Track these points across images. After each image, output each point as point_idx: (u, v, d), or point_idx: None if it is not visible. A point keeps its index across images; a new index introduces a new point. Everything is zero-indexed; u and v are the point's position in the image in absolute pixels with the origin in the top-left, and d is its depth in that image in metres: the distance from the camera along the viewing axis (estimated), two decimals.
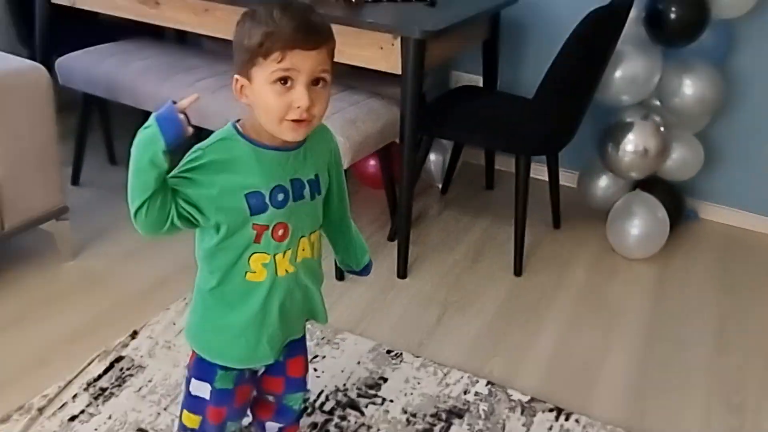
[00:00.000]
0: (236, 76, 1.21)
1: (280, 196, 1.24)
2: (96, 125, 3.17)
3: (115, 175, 3.01)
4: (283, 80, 1.15)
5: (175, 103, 1.17)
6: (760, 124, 2.95)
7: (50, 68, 2.72)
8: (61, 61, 2.76)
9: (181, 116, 1.16)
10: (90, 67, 2.71)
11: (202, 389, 1.39)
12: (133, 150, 1.16)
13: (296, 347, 1.48)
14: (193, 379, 1.41)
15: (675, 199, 2.86)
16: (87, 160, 3.06)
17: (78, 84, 2.75)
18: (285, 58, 1.14)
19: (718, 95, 2.70)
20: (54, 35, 2.90)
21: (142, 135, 1.15)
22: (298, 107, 1.15)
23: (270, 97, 1.16)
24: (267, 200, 1.22)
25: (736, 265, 2.79)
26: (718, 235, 3.01)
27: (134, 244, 2.54)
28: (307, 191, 1.29)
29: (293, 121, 1.17)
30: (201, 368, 1.39)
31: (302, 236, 1.31)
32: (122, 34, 3.10)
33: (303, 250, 1.33)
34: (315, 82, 1.18)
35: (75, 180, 2.95)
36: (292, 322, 1.41)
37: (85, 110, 2.88)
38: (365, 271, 1.62)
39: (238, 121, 1.27)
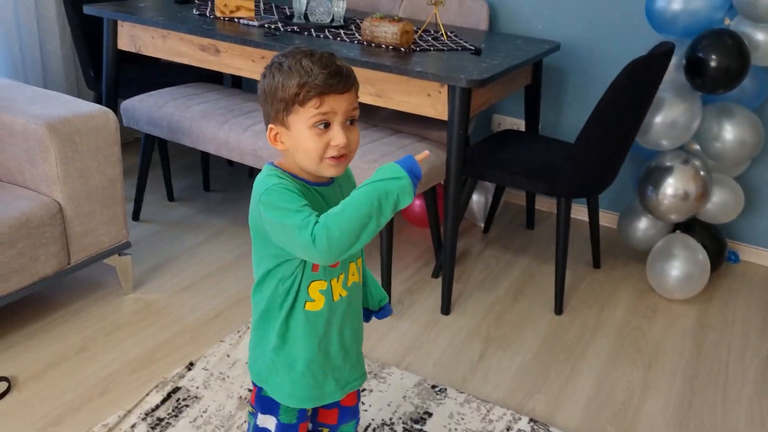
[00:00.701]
0: (270, 126, 1.24)
1: None
2: (155, 164, 3.21)
3: (173, 211, 3.13)
4: (322, 123, 1.19)
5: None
6: None
7: (115, 110, 2.82)
8: (126, 104, 2.82)
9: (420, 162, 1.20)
10: (153, 109, 2.76)
11: (267, 422, 1.40)
12: (377, 198, 1.14)
13: None
14: (260, 413, 1.41)
15: (715, 241, 2.82)
16: (147, 196, 3.12)
17: (141, 125, 2.81)
18: (323, 103, 1.17)
19: (758, 139, 2.68)
20: (120, 76, 2.97)
21: (397, 186, 1.15)
22: (336, 145, 1.19)
23: (310, 140, 1.19)
24: None
25: None
26: (760, 278, 2.96)
27: (190, 278, 2.61)
28: None
29: (332, 158, 1.21)
30: (265, 402, 1.40)
31: (351, 260, 1.33)
32: (182, 77, 3.16)
33: (353, 274, 1.35)
34: (349, 121, 1.23)
35: (136, 216, 2.99)
36: (351, 356, 1.40)
37: (147, 150, 2.94)
38: (382, 313, 1.58)
39: (272, 163, 1.29)
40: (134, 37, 2.82)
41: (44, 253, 2.13)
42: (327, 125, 1.20)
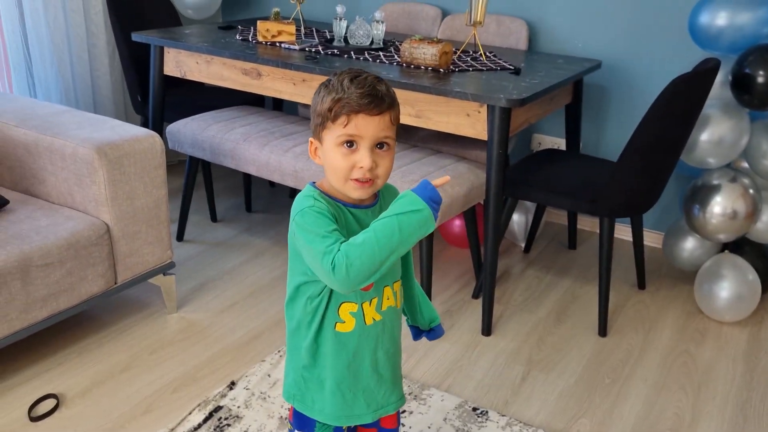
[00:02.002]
0: (311, 139, 1.26)
1: None
2: (199, 185, 3.25)
3: (216, 232, 3.17)
4: (349, 143, 1.19)
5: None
6: None
7: (160, 133, 2.87)
8: (171, 128, 2.87)
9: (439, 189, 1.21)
10: (197, 132, 2.80)
11: None
12: (396, 231, 1.15)
13: None
14: (296, 430, 1.42)
15: (766, 261, 2.78)
16: (191, 217, 3.16)
17: (185, 148, 2.85)
18: (350, 122, 1.18)
19: None
20: (166, 100, 3.02)
21: (417, 220, 1.15)
22: (361, 167, 1.19)
23: (337, 158, 1.20)
24: None
25: None
26: None
27: (232, 297, 2.63)
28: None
29: (357, 180, 1.21)
30: (301, 420, 1.41)
31: (386, 285, 1.33)
32: (225, 100, 3.20)
33: (387, 298, 1.34)
34: (379, 145, 1.22)
35: (180, 236, 3.03)
36: (386, 379, 1.40)
37: (191, 172, 2.97)
38: (433, 334, 1.58)
39: (313, 183, 1.29)
40: (180, 63, 2.88)
41: (92, 272, 2.16)
42: (354, 145, 1.21)
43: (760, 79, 2.47)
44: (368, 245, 1.13)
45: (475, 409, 2.07)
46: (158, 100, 2.96)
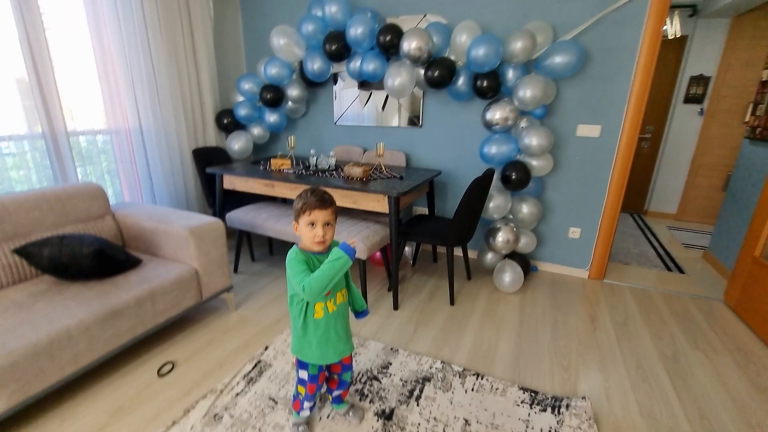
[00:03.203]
0: (293, 222, 1.26)
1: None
2: (244, 242, 3.26)
3: (255, 266, 3.06)
4: (311, 224, 1.21)
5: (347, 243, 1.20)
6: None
7: (223, 218, 2.88)
8: (228, 215, 2.83)
9: (353, 246, 1.20)
10: (242, 216, 2.76)
11: (303, 374, 1.39)
12: (334, 268, 1.14)
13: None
14: (299, 369, 1.40)
15: (524, 261, 2.83)
16: (241, 259, 3.12)
17: (236, 225, 2.80)
18: (311, 214, 1.21)
19: (539, 210, 2.70)
20: (225, 201, 2.96)
21: (342, 262, 1.15)
22: (317, 236, 1.22)
23: (306, 232, 1.22)
24: None
25: (559, 294, 2.71)
26: (548, 278, 2.93)
27: (264, 301, 2.54)
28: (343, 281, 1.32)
29: (317, 242, 1.23)
30: (301, 364, 1.39)
31: (337, 291, 1.31)
32: (256, 199, 3.20)
33: (339, 297, 1.32)
34: (327, 224, 1.23)
35: (235, 269, 2.95)
36: (342, 339, 1.36)
37: (240, 237, 2.91)
38: (362, 315, 1.49)
39: (297, 245, 1.28)
40: (231, 181, 2.83)
41: (188, 295, 2.14)
42: (314, 225, 1.22)
43: (513, 176, 2.56)
44: (318, 278, 1.16)
45: (392, 349, 2.07)
46: (220, 201, 2.91)
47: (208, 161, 3.19)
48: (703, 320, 2.45)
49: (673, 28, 3.40)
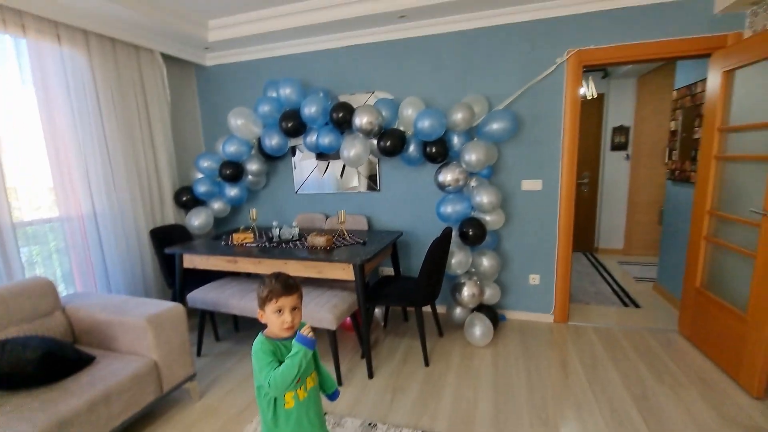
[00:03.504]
0: (259, 311, 1.24)
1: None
2: (208, 321, 3.10)
3: (221, 346, 2.90)
4: (279, 311, 1.20)
5: (304, 334, 1.18)
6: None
7: (184, 299, 2.74)
8: (189, 295, 2.72)
9: (311, 335, 1.18)
10: (204, 296, 2.66)
11: None
12: (296, 364, 1.14)
13: None
14: None
15: (492, 312, 2.88)
16: (204, 340, 2.96)
17: (198, 305, 2.69)
18: (278, 301, 1.20)
19: (497, 263, 2.78)
20: (185, 280, 2.86)
21: (301, 355, 1.14)
22: (285, 322, 1.20)
23: (273, 319, 1.21)
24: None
25: (529, 342, 2.76)
26: (516, 326, 2.98)
27: (231, 384, 2.40)
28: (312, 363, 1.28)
29: (285, 329, 1.21)
30: None
31: (307, 376, 1.28)
32: (218, 276, 3.09)
33: (309, 383, 1.29)
34: (293, 309, 1.22)
35: (198, 353, 2.79)
36: (316, 426, 1.31)
37: (202, 317, 2.79)
38: (333, 396, 1.43)
39: (262, 332, 1.25)
40: (192, 260, 2.76)
41: (147, 390, 2.00)
42: (281, 311, 1.21)
43: (470, 231, 2.67)
44: (282, 373, 1.14)
45: (369, 424, 2.00)
46: (180, 282, 2.81)
47: (167, 240, 3.12)
48: (663, 353, 2.56)
49: (589, 90, 3.88)
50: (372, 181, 3.25)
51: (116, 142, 2.86)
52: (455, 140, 2.74)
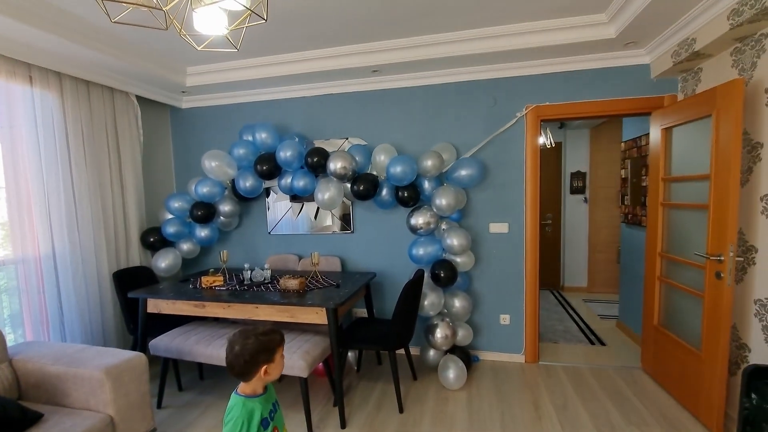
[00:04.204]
0: (264, 367, 1.19)
1: (272, 414, 1.22)
2: (170, 370, 2.94)
3: (184, 397, 2.74)
4: (282, 356, 1.25)
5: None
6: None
7: (145, 347, 2.62)
8: (152, 343, 2.58)
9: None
10: (167, 343, 2.54)
11: None
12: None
13: None
14: None
15: (465, 353, 2.88)
16: (166, 390, 2.79)
17: (161, 353, 2.56)
18: (281, 345, 1.25)
19: (469, 305, 2.81)
20: (148, 325, 2.74)
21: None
22: (284, 365, 1.25)
23: (282, 363, 1.24)
24: (268, 419, 1.20)
25: (502, 384, 2.77)
26: (489, 366, 3.00)
27: None
28: (278, 409, 1.27)
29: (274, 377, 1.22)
30: None
31: (283, 427, 1.27)
32: (184, 320, 2.97)
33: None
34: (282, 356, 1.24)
35: (159, 404, 2.61)
36: None
37: (165, 365, 2.65)
38: None
39: (236, 392, 1.22)
40: (156, 305, 2.64)
41: None
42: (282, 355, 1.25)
43: (442, 273, 2.69)
44: None
45: None
46: (142, 329, 2.67)
47: (132, 283, 2.98)
48: (629, 391, 2.63)
49: (547, 139, 4.18)
50: (345, 222, 3.28)
51: (83, 181, 2.78)
52: (426, 185, 2.84)
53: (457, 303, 2.83)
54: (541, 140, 4.15)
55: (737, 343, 2.19)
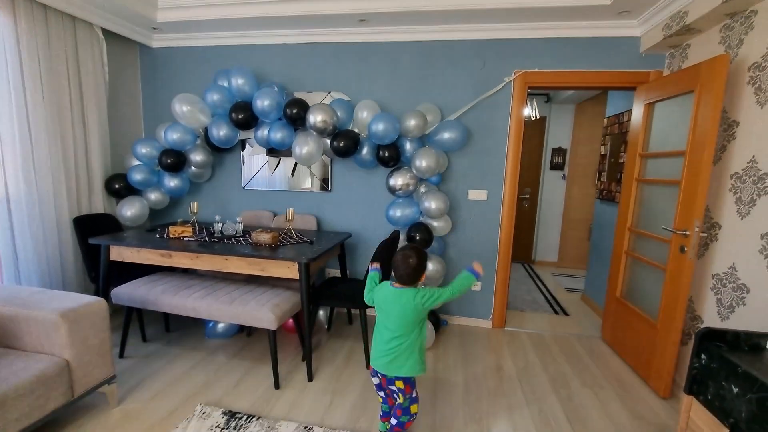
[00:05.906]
0: (422, 276, 1.63)
1: None
2: (134, 321, 2.88)
3: (148, 348, 2.69)
4: None
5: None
6: None
7: (108, 295, 2.54)
8: (114, 291, 2.49)
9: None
10: (131, 291, 2.45)
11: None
12: (462, 286, 1.53)
13: None
14: (414, 390, 1.68)
15: (436, 317, 2.96)
16: (129, 339, 2.74)
17: (124, 302, 2.48)
18: None
19: (441, 271, 2.83)
20: (110, 275, 2.63)
21: (470, 280, 1.46)
22: None
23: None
24: None
25: (468, 346, 2.82)
26: (456, 330, 3.05)
27: (156, 390, 2.22)
28: None
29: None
30: (413, 383, 1.68)
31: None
32: (150, 270, 2.89)
33: None
34: None
35: (121, 354, 2.56)
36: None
37: (128, 315, 2.57)
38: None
39: (396, 287, 1.61)
40: (120, 252, 2.54)
41: (54, 395, 1.79)
42: None
43: (418, 236, 2.66)
44: (454, 290, 1.59)
45: (306, 427, 1.93)
46: (105, 274, 2.57)
47: (94, 230, 2.85)
48: (587, 357, 2.75)
49: (533, 111, 4.13)
50: (324, 182, 3.20)
51: (40, 117, 2.57)
52: (408, 146, 2.77)
53: (431, 266, 2.85)
54: (527, 112, 4.10)
55: (692, 315, 2.29)
